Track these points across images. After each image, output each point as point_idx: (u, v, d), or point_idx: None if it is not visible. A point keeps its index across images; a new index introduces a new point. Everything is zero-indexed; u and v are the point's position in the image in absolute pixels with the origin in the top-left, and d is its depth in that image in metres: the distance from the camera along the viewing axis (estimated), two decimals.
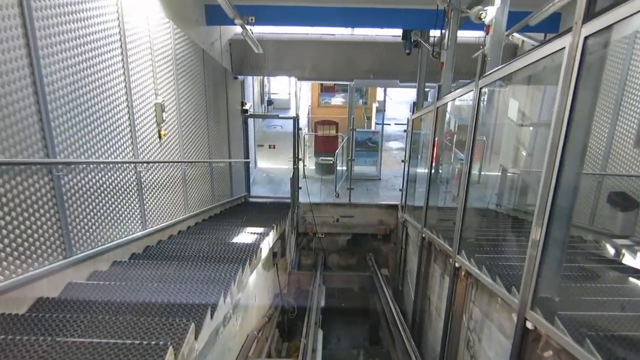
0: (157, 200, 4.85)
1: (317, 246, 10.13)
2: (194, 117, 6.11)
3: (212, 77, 7.03)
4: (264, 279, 6.64)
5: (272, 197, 10.12)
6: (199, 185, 6.44)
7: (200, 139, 6.43)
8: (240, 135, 9.30)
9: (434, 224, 6.89)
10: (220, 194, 7.67)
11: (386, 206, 9.99)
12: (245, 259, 4.35)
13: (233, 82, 8.65)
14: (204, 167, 6.69)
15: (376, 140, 11.08)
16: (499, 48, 4.52)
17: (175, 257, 4.31)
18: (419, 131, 8.93)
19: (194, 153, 6.18)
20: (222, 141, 7.80)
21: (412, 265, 8.50)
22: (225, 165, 8.16)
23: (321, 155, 11.53)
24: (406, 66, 8.98)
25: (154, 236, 4.89)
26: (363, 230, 10.01)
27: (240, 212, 7.86)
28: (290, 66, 9.00)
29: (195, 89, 6.11)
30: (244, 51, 8.84)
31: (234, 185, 8.72)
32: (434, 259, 6.89)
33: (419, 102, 8.19)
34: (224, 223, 6.52)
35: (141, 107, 4.39)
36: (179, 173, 5.54)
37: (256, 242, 5.26)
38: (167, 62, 5.04)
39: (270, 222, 6.83)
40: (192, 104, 6.00)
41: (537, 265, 2.92)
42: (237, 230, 5.79)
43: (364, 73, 9.03)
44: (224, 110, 7.88)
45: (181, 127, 5.57)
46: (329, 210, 9.92)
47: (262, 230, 5.92)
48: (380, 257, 10.20)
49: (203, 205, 6.68)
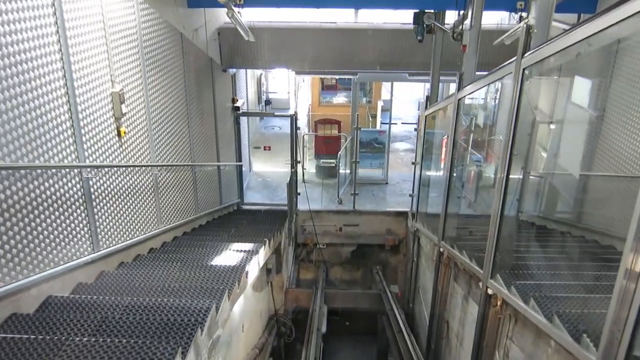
0: (116, 212, 3.88)
1: (318, 258, 9.16)
2: (170, 112, 5.15)
3: (195, 67, 6.08)
4: (256, 302, 5.66)
5: (268, 204, 9.15)
6: (178, 193, 5.48)
7: (179, 139, 5.47)
8: (231, 135, 8.34)
9: (454, 237, 5.90)
10: (206, 202, 6.71)
11: (394, 213, 9.03)
12: (222, 291, 3.37)
13: (221, 75, 7.69)
14: (184, 171, 5.73)
15: (382, 140, 10.10)
16: (547, 18, 3.55)
17: (130, 290, 3.33)
18: (432, 130, 7.95)
19: (170, 155, 5.22)
20: (209, 142, 6.84)
21: (426, 281, 7.54)
22: (213, 169, 7.21)
23: (322, 157, 10.56)
24: (416, 56, 8.00)
25: (113, 258, 3.92)
26: (369, 240, 9.05)
27: (230, 223, 6.89)
28: (288, 57, 8.04)
29: (171, 80, 5.15)
30: (235, 41, 7.89)
31: (224, 191, 7.76)
32: (454, 277, 5.91)
33: (432, 95, 7.22)
34: (207, 237, 5.55)
35: (89, 97, 3.43)
36: (149, 179, 4.58)
37: (241, 263, 4.28)
38: (129, 43, 4.08)
39: (263, 234, 5.86)
40: (167, 97, 5.05)
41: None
42: (220, 248, 4.82)
43: (370, 65, 8.06)
44: (210, 106, 6.93)
45: (151, 123, 4.61)
46: (331, 218, 8.96)
47: (251, 247, 4.95)
48: (389, 270, 9.21)
49: (184, 216, 5.71)
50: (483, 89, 5.37)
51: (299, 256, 9.12)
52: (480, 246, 5.30)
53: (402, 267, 9.31)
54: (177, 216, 5.48)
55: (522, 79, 3.52)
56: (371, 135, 10.10)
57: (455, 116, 5.47)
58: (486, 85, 4.56)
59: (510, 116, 3.66)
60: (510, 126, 3.66)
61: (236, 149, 8.71)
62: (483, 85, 4.64)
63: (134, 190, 4.24)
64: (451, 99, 5.57)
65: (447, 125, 6.16)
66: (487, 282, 4.14)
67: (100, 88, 3.60)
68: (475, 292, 4.86)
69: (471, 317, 5.18)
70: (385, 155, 10.14)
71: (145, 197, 4.50)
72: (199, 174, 6.36)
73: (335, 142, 10.51)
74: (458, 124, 5.53)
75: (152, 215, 4.67)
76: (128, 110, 4.06)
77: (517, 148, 3.89)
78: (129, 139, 4.11)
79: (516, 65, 3.53)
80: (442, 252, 6.11)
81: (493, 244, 4.02)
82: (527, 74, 3.52)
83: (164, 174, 4.99)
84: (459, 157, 6.03)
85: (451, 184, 5.78)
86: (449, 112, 5.69)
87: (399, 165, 12.17)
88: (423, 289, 7.75)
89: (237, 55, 8.03)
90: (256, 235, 5.85)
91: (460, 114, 5.50)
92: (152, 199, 4.68)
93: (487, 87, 5.50)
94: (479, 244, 5.60)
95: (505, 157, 3.74)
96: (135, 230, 4.28)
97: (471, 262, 4.78)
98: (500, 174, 3.84)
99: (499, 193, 3.84)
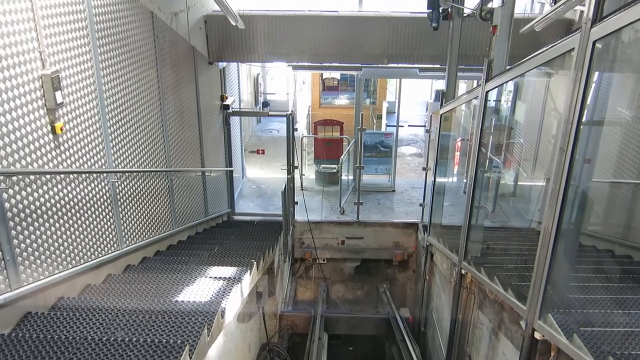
0: (46, 232, 2.93)
1: (317, 275, 8.20)
2: (136, 107, 4.21)
3: (172, 55, 5.15)
4: (242, 336, 4.70)
5: (262, 215, 8.20)
6: (148, 205, 4.53)
7: (148, 140, 4.53)
8: (219, 137, 7.40)
9: (480, 257, 4.94)
10: (186, 214, 5.76)
11: (403, 225, 8.08)
12: (181, 347, 2.41)
13: (207, 69, 6.77)
14: (157, 179, 4.78)
15: (389, 143, 9.15)
16: None
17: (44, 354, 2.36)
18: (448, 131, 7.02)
19: (137, 160, 4.27)
20: (190, 144, 5.90)
21: (441, 303, 6.58)
22: (196, 175, 6.27)
23: (322, 162, 9.61)
24: (428, 48, 7.08)
25: (46, 295, 2.96)
26: (375, 255, 8.09)
27: (216, 238, 5.93)
28: (284, 50, 7.11)
29: (137, 67, 4.22)
30: (225, 31, 6.98)
31: (211, 201, 6.81)
32: (478, 305, 4.96)
33: (448, 91, 6.28)
34: (183, 258, 4.59)
35: (1, 78, 2.49)
36: (102, 189, 3.63)
37: (217, 299, 3.32)
38: (71, 14, 3.15)
39: (253, 252, 4.91)
40: (132, 88, 4.11)
41: None
42: (194, 275, 3.85)
43: (376, 58, 7.13)
44: (193, 103, 6.00)
45: (107, 120, 3.67)
46: (332, 230, 8.02)
47: (234, 273, 3.99)
48: (396, 289, 8.23)
49: (157, 232, 4.76)
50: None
51: (297, 273, 8.16)
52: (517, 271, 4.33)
53: (412, 285, 8.34)
54: (148, 232, 4.53)
55: (591, 57, 2.57)
56: (376, 138, 9.16)
57: (482, 112, 4.54)
58: (528, 71, 3.61)
59: (570, 109, 2.72)
60: (571, 123, 2.71)
61: (226, 153, 7.77)
62: (524, 72, 3.68)
63: (81, 202, 3.29)
64: (476, 92, 4.64)
65: (462, 125, 5.21)
66: (535, 323, 3.17)
67: (23, 68, 2.66)
68: (511, 329, 3.91)
69: (503, 357, 4.22)
70: (392, 160, 9.20)
71: (98, 210, 3.56)
72: (178, 181, 5.42)
73: (337, 145, 9.56)
74: (484, 122, 4.59)
75: (108, 233, 3.72)
76: (68, 100, 3.12)
77: (580, 150, 2.95)
78: (70, 138, 3.17)
79: (582, 37, 2.58)
80: (464, 274, 5.16)
81: (544, 273, 3.06)
82: (599, 50, 2.57)
83: (126, 182, 4.04)
84: (482, 162, 5.08)
85: (475, 192, 4.82)
86: (472, 108, 4.75)
87: (406, 171, 11.23)
88: (437, 311, 6.78)
89: (227, 47, 7.11)
90: (244, 253, 4.89)
91: (487, 110, 4.56)
92: (109, 213, 3.73)
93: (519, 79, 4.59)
94: (513, 266, 4.63)
95: (564, 161, 2.79)
96: (83, 254, 3.33)
97: (506, 293, 3.83)
98: (556, 182, 2.89)
99: (553, 206, 2.90)
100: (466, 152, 9.49)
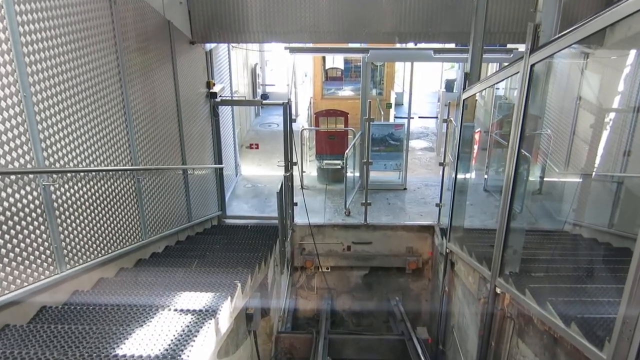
0: None
1: (320, 285, 7.27)
2: (83, 89, 3.27)
3: (137, 30, 4.21)
4: None
5: (257, 218, 7.27)
6: (104, 213, 3.61)
7: (103, 133, 3.59)
8: (206, 130, 6.46)
9: (523, 273, 4.02)
10: (162, 220, 4.84)
11: (417, 228, 7.15)
12: None
13: (189, 50, 5.81)
14: (116, 180, 3.86)
15: (399, 136, 8.17)
16: None
17: None
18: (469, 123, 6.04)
19: (85, 157, 3.34)
20: (166, 137, 4.97)
21: (464, 322, 5.66)
22: (177, 174, 5.34)
23: (325, 157, 8.65)
24: (446, 24, 6.08)
25: None
26: (385, 262, 7.18)
27: (197, 249, 5.00)
28: (282, 28, 6.12)
29: (82, 37, 3.28)
30: (212, 7, 6.03)
31: (195, 203, 5.89)
32: (518, 333, 4.04)
33: (473, 72, 5.30)
34: (149, 279, 3.66)
35: None
36: (31, 193, 2.71)
37: (176, 349, 2.39)
38: None
39: (239, 270, 3.98)
40: (74, 63, 3.17)
41: None
42: (154, 309, 2.93)
43: (385, 36, 6.14)
44: (169, 89, 5.06)
45: (32, 102, 2.73)
46: (336, 234, 7.14)
47: (209, 303, 3.06)
48: (410, 300, 7.30)
49: (118, 245, 3.84)
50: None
51: (296, 283, 7.25)
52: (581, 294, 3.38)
53: (427, 296, 7.39)
54: (105, 247, 3.61)
55: None
56: (386, 130, 8.18)
57: (525, 91, 3.58)
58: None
59: None
60: None
61: (215, 148, 6.83)
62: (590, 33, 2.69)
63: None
64: (516, 66, 3.67)
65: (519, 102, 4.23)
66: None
67: None
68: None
69: None
70: (402, 154, 8.22)
71: (25, 222, 2.63)
72: (149, 182, 4.49)
73: (341, 138, 8.60)
74: (528, 105, 3.63)
75: (38, 253, 2.80)
76: None
77: None
78: None
79: None
80: (499, 293, 4.22)
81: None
82: None
83: (68, 186, 3.12)
84: (523, 154, 4.11)
85: (515, 192, 3.88)
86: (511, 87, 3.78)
87: (417, 167, 10.27)
88: (459, 330, 5.85)
89: (214, 26, 6.15)
90: (229, 270, 3.97)
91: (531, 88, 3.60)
92: (41, 225, 2.81)
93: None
94: (576, 287, 3.69)
95: None
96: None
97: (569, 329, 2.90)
98: None
99: None
100: (486, 145, 8.56)
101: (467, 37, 5.99)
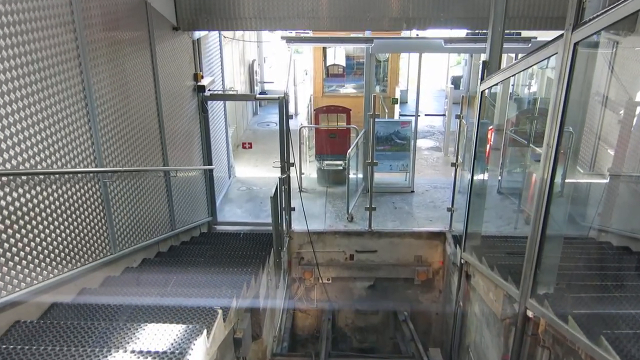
0: None
1: (320, 298, 6.64)
2: (23, 72, 2.65)
3: (104, 9, 3.58)
4: None
5: (251, 224, 6.65)
6: (59, 225, 2.98)
7: (58, 126, 2.96)
8: (193, 127, 5.83)
9: (561, 295, 3.40)
10: (139, 230, 4.21)
11: (427, 235, 6.55)
12: None
13: (171, 37, 5.18)
14: (81, 183, 3.23)
15: (406, 134, 7.54)
16: None
17: None
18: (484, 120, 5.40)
19: (30, 155, 2.71)
20: (144, 135, 4.34)
21: (483, 342, 5.04)
22: (157, 177, 4.72)
23: (326, 157, 8.02)
24: (459, 8, 5.45)
25: None
26: (391, 272, 6.59)
27: (178, 263, 4.37)
28: (277, 13, 5.48)
29: (27, 13, 2.65)
30: None
31: (179, 209, 5.26)
32: None
33: (492, 60, 4.66)
34: (108, 305, 3.03)
35: None
36: None
37: None
38: None
39: (223, 291, 3.34)
40: (16, 44, 2.55)
41: None
42: (110, 347, 2.30)
43: (392, 22, 5.50)
44: (148, 80, 4.43)
45: None
46: (338, 242, 6.57)
47: (180, 338, 2.43)
48: (419, 314, 6.67)
49: (80, 261, 3.21)
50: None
51: (294, 296, 6.61)
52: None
53: (438, 308, 6.75)
54: (59, 266, 2.98)
55: None
56: (391, 128, 7.55)
57: (566, 76, 2.94)
58: None
59: None
60: None
61: (204, 148, 6.21)
62: None
63: None
64: (554, 46, 3.03)
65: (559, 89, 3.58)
66: None
67: None
68: None
69: None
70: (410, 154, 7.60)
71: None
72: (120, 186, 3.86)
73: (343, 137, 7.98)
74: (570, 92, 2.98)
75: None
76: None
77: None
78: None
79: None
80: (530, 317, 3.60)
81: None
82: None
83: (3, 192, 2.49)
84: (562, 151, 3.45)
85: (552, 195, 3.23)
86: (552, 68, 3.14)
87: (424, 168, 9.62)
88: (477, 351, 5.22)
89: (202, 12, 5.52)
90: (210, 291, 3.34)
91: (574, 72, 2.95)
92: None
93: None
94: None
95: None
96: None
97: None
98: None
99: None
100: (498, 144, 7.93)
101: (483, 23, 5.38)
